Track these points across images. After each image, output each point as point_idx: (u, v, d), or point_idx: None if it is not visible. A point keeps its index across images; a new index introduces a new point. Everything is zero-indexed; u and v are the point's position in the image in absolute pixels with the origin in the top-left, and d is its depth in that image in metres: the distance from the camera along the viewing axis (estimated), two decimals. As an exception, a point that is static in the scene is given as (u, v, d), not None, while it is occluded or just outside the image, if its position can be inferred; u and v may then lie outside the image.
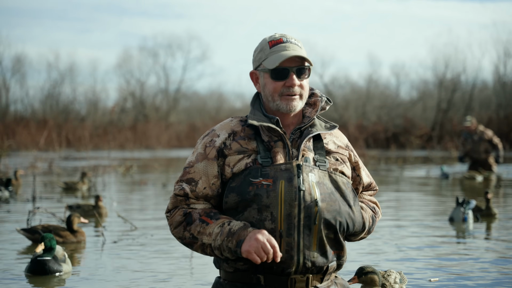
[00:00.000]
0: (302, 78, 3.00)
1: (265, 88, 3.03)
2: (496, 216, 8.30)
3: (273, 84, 2.99)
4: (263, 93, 3.05)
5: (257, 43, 3.11)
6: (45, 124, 30.66)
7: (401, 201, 10.63)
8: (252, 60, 3.10)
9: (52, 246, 5.12)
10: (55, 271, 5.10)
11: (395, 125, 35.04)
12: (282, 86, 2.98)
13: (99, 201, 8.49)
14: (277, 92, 2.99)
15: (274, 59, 2.97)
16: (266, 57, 3.01)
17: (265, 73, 3.01)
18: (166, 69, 45.15)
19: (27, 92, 40.27)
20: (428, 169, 17.29)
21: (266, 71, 3.00)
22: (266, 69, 2.99)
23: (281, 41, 3.01)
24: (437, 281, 4.90)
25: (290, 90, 2.98)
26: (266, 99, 3.04)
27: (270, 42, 3.02)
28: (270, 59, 2.98)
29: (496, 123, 30.17)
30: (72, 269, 5.41)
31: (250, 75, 3.10)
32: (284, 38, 3.02)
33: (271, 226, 2.86)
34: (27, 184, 13.14)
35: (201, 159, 2.99)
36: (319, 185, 2.92)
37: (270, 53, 2.99)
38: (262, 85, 3.04)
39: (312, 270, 2.92)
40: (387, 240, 6.69)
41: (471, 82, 37.05)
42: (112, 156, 23.23)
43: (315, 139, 3.06)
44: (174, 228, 2.98)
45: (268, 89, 3.01)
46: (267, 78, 3.01)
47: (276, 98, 2.99)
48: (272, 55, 2.98)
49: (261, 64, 3.03)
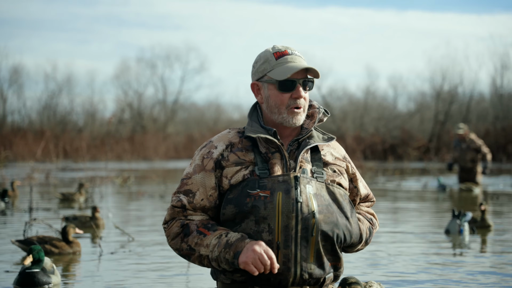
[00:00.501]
0: (306, 90, 3.01)
1: (269, 100, 3.02)
2: (491, 228, 8.30)
3: (280, 96, 2.98)
4: (267, 105, 3.03)
5: (255, 55, 3.11)
6: (42, 135, 30.64)
7: (398, 213, 10.63)
8: (253, 71, 3.08)
9: (41, 258, 5.11)
10: (44, 283, 5.08)
11: (393, 137, 35.08)
12: (289, 98, 2.98)
13: (96, 212, 8.47)
14: (284, 104, 2.98)
15: (283, 70, 2.96)
16: (272, 68, 3.00)
17: (271, 84, 3.00)
18: (164, 80, 45.23)
19: (25, 103, 40.28)
20: (426, 181, 17.28)
21: (273, 82, 2.99)
22: (273, 80, 2.98)
23: (287, 53, 3.02)
24: None
25: (297, 102, 2.98)
26: (270, 110, 3.02)
27: (275, 53, 3.02)
28: (277, 70, 2.98)
29: (493, 135, 30.21)
30: (69, 280, 5.39)
31: (251, 86, 3.08)
32: (289, 50, 3.03)
33: (269, 237, 2.86)
34: (24, 195, 13.12)
35: (198, 170, 3.00)
36: (317, 196, 2.92)
37: (277, 64, 2.99)
38: (266, 97, 3.03)
39: (309, 282, 2.92)
40: (381, 251, 6.68)
41: (468, 94, 37.16)
42: (109, 167, 23.21)
43: (312, 151, 3.06)
44: (172, 239, 2.97)
45: (274, 101, 3.00)
46: (272, 89, 3.00)
47: (283, 111, 2.98)
48: (279, 66, 2.98)
49: (265, 75, 3.01)
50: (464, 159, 15.14)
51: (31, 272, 5.04)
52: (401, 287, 5.09)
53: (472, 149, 15.07)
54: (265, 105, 3.05)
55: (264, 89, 3.04)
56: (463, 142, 15.17)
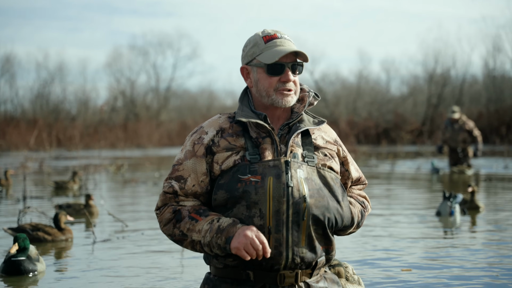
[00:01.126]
0: (295, 74, 3.01)
1: (258, 83, 3.02)
2: (481, 209, 8.37)
3: (269, 80, 2.98)
4: (256, 88, 3.04)
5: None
6: (35, 124, 30.59)
7: (390, 196, 10.66)
8: (243, 55, 3.08)
9: (26, 246, 5.13)
10: (30, 271, 5.10)
11: (386, 121, 35.13)
12: (277, 81, 2.98)
13: (90, 200, 8.47)
14: (273, 87, 2.98)
15: (272, 54, 2.96)
16: (261, 52, 2.99)
17: (259, 68, 3.00)
18: (157, 68, 45.12)
19: (17, 92, 40.15)
20: (419, 164, 17.34)
21: (261, 65, 2.99)
22: (261, 64, 2.98)
23: (276, 36, 3.01)
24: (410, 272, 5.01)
25: (285, 85, 2.98)
26: (259, 94, 3.03)
27: (264, 37, 3.01)
28: (266, 54, 2.97)
29: (486, 118, 30.29)
30: (63, 266, 5.41)
31: (241, 70, 3.08)
32: (278, 34, 3.03)
33: (260, 222, 2.87)
34: (17, 184, 13.10)
35: (189, 156, 3.00)
36: (307, 181, 2.93)
37: (266, 48, 2.99)
38: (255, 80, 3.03)
39: (301, 265, 2.93)
40: (375, 232, 6.72)
41: (461, 77, 37.20)
42: (103, 155, 23.19)
43: (303, 135, 3.06)
44: (164, 225, 2.98)
45: (263, 84, 3.00)
46: (261, 73, 3.00)
47: (271, 93, 2.98)
48: (268, 50, 2.98)
49: (254, 59, 3.01)
50: (455, 140, 15.12)
51: (17, 260, 5.07)
52: (389, 267, 5.13)
53: (464, 130, 15.08)
54: (254, 88, 3.05)
55: (254, 73, 3.04)
56: (455, 123, 15.17)
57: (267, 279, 2.92)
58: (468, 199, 8.42)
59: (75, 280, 4.98)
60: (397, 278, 4.87)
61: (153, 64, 45.03)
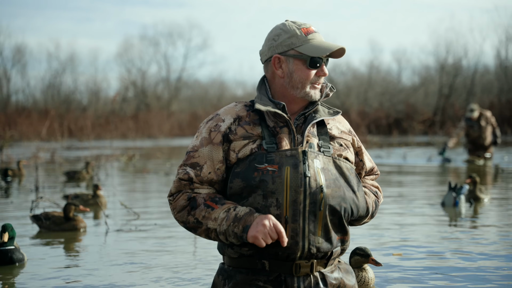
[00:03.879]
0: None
1: (293, 74, 3.00)
2: (483, 201, 8.34)
3: (307, 72, 2.99)
4: (289, 79, 3.01)
5: (258, 31, 3.19)
6: (46, 114, 30.68)
7: (400, 186, 10.62)
8: (274, 45, 3.02)
9: (14, 236, 5.17)
10: (20, 260, 5.12)
11: (397, 111, 35.00)
12: (314, 75, 3.00)
13: (98, 190, 8.47)
14: (309, 79, 3.00)
15: (318, 48, 2.97)
16: (301, 43, 2.98)
17: (298, 59, 2.98)
18: (167, 58, 45.18)
19: (28, 83, 40.33)
20: (430, 154, 17.27)
21: (302, 57, 2.97)
22: (304, 56, 2.97)
23: (312, 30, 3.03)
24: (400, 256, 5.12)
25: (320, 79, 3.02)
26: (291, 85, 3.00)
27: (303, 29, 3.01)
28: (309, 46, 2.97)
29: (498, 108, 30.09)
30: (77, 257, 5.43)
31: (273, 59, 3.02)
32: (313, 27, 3.05)
33: (277, 212, 2.86)
34: (30, 174, 13.16)
35: (206, 143, 2.98)
36: (324, 171, 2.92)
37: (307, 40, 2.98)
38: (289, 71, 3.00)
39: (316, 255, 2.93)
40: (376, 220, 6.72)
41: (472, 67, 36.95)
42: (114, 145, 23.25)
43: (318, 125, 3.06)
44: (178, 212, 2.97)
45: (300, 76, 2.99)
46: (299, 64, 2.99)
47: (306, 86, 3.00)
48: (310, 42, 2.97)
49: (291, 50, 2.99)
50: (482, 137, 14.91)
51: (8, 250, 5.09)
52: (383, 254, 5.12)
53: (490, 124, 14.98)
54: (286, 79, 3.01)
55: (289, 63, 3.01)
56: (479, 121, 14.93)
57: (282, 268, 2.91)
58: (471, 190, 8.39)
59: (89, 270, 4.99)
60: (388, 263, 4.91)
61: (164, 55, 45.11)
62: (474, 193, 8.36)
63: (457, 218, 7.24)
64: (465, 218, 7.28)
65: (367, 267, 4.22)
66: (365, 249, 4.18)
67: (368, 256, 4.16)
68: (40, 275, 4.81)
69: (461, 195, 7.83)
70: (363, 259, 4.17)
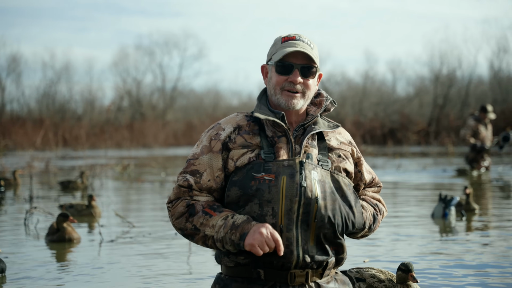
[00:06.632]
0: (307, 77, 3.02)
1: (270, 81, 3.08)
2: (476, 212, 8.33)
3: (277, 78, 3.03)
4: (268, 87, 3.10)
5: (254, 41, 3.20)
6: (41, 123, 30.65)
7: (394, 196, 10.63)
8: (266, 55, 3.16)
9: None
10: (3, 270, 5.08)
11: (392, 121, 35.07)
12: (285, 81, 3.01)
13: (92, 200, 8.43)
14: (279, 85, 3.02)
15: (281, 52, 3.01)
16: (276, 51, 3.05)
17: (272, 66, 3.06)
18: (163, 68, 45.18)
19: (23, 92, 40.25)
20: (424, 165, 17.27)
21: (273, 64, 3.04)
22: (273, 62, 3.04)
23: (294, 38, 3.06)
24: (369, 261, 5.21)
25: (292, 86, 3.01)
26: (269, 92, 3.09)
27: (283, 38, 3.08)
28: (278, 53, 3.03)
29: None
30: (71, 268, 5.41)
31: (261, 69, 3.16)
32: (297, 36, 3.07)
33: (272, 221, 2.87)
34: (24, 183, 13.12)
35: (206, 151, 3.01)
36: (321, 183, 2.93)
37: (280, 47, 3.04)
38: (269, 79, 3.09)
39: (311, 265, 2.93)
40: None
41: (467, 78, 37.10)
42: (109, 155, 23.22)
43: (318, 139, 3.08)
44: (176, 218, 2.98)
45: (272, 82, 3.06)
46: (272, 71, 3.06)
47: (278, 92, 3.03)
48: (281, 49, 3.03)
49: (270, 58, 3.08)
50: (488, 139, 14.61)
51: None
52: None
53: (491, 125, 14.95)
54: (267, 86, 3.11)
55: (269, 72, 3.10)
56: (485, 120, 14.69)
57: (277, 277, 2.91)
58: (464, 201, 8.36)
59: (82, 281, 4.97)
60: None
61: (159, 64, 45.12)
62: (469, 204, 8.34)
63: (446, 230, 7.23)
64: (453, 229, 7.25)
65: (412, 284, 4.07)
66: (407, 264, 3.98)
67: (409, 271, 4.02)
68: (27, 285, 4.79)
69: (451, 206, 7.81)
70: (404, 274, 4.03)
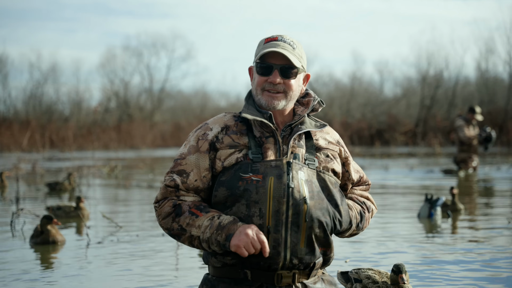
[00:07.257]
0: (287, 77, 3.01)
1: (253, 82, 3.08)
2: (462, 212, 8.38)
3: (258, 78, 3.03)
4: (252, 87, 3.10)
5: (242, 42, 3.18)
6: (28, 125, 30.48)
7: (381, 197, 10.66)
8: None
9: None
10: None
11: (379, 122, 35.20)
12: (265, 81, 3.01)
13: (80, 202, 8.39)
14: (260, 86, 3.02)
15: (260, 53, 3.00)
16: (258, 52, 3.05)
17: (255, 67, 3.06)
18: (150, 69, 45.03)
19: (10, 93, 39.96)
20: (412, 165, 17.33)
21: (255, 65, 3.05)
22: (254, 63, 3.05)
23: (276, 39, 3.04)
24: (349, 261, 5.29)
25: (271, 86, 3.01)
26: (253, 93, 3.09)
27: (266, 39, 3.07)
28: (259, 54, 3.02)
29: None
30: (57, 269, 5.38)
31: (248, 71, 3.15)
32: (280, 37, 3.05)
33: (259, 222, 2.87)
34: (11, 185, 13.04)
35: (193, 151, 3.00)
36: (308, 183, 2.93)
37: (262, 48, 3.03)
38: (253, 80, 3.09)
39: (298, 266, 2.93)
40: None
41: (454, 79, 37.27)
42: (96, 156, 23.14)
43: (306, 138, 3.08)
44: (162, 218, 2.97)
45: (254, 82, 3.06)
46: (255, 72, 3.06)
47: (259, 93, 3.03)
48: (262, 50, 3.01)
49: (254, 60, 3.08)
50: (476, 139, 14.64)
51: None
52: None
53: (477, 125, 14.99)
54: (252, 87, 3.12)
55: (254, 73, 3.10)
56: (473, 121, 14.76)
57: (264, 278, 2.91)
58: (450, 202, 8.42)
59: (69, 283, 4.95)
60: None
61: (146, 65, 44.98)
62: (455, 204, 8.39)
63: (432, 230, 7.25)
64: (439, 230, 7.27)
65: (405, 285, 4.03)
66: (399, 265, 3.94)
67: (399, 273, 4.00)
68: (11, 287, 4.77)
69: (436, 206, 7.84)
70: (395, 276, 4.01)
